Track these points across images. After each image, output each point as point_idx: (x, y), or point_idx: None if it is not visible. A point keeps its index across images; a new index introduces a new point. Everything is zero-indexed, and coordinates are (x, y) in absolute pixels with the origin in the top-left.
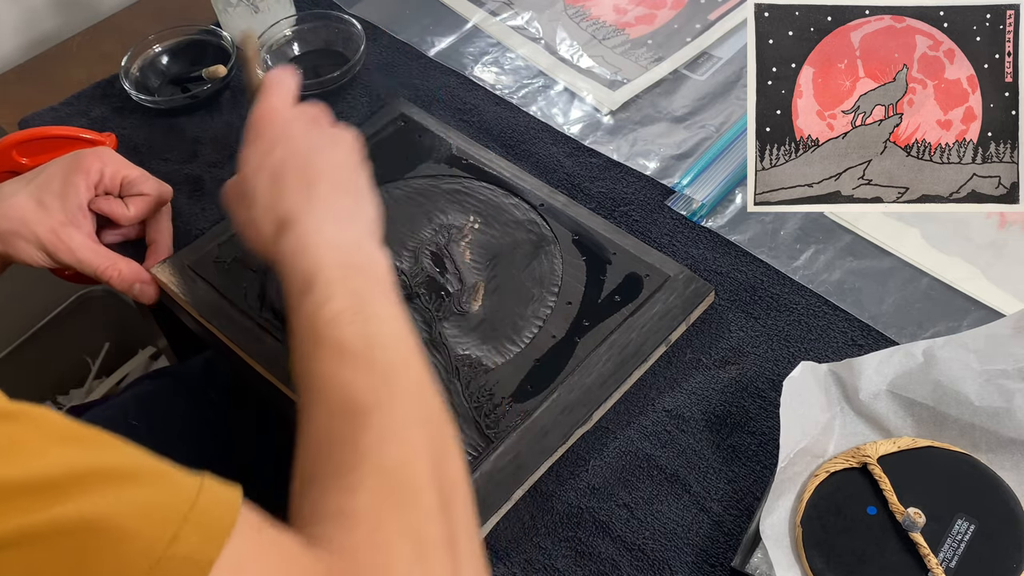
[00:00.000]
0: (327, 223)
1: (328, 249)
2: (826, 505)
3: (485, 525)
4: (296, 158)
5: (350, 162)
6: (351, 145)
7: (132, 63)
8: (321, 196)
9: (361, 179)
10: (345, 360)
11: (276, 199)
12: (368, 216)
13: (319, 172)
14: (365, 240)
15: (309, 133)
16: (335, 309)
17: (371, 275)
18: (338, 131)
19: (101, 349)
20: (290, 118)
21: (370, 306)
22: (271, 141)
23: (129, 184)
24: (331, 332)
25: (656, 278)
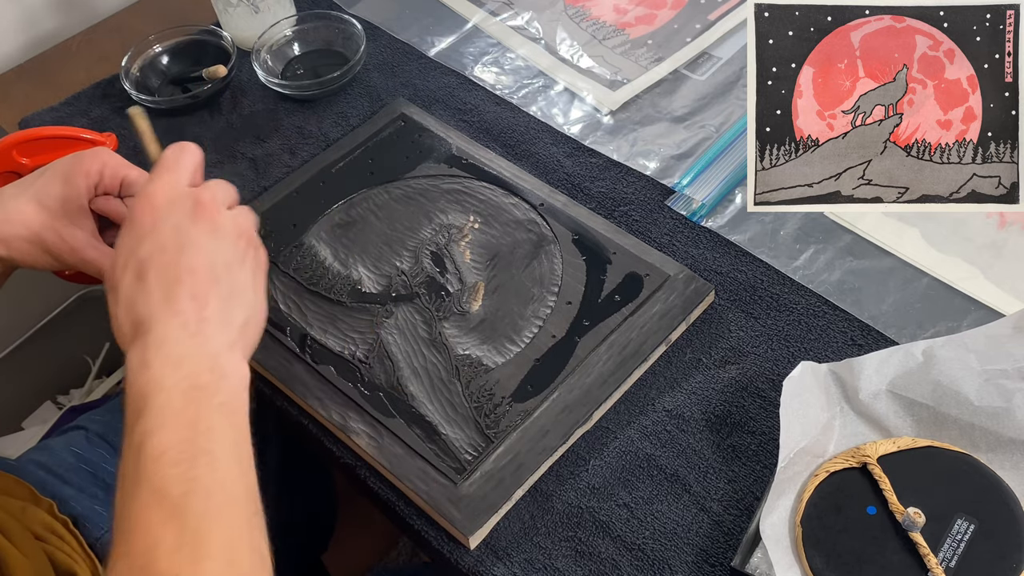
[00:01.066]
0: (179, 334)
1: (172, 367)
2: (826, 505)
3: (485, 525)
4: (163, 255)
5: (230, 256)
6: (237, 237)
7: (132, 63)
8: (182, 299)
9: (242, 275)
10: (160, 509)
11: (135, 299)
12: (237, 321)
13: (186, 270)
14: (222, 355)
15: (183, 225)
16: (163, 444)
17: (215, 400)
18: (227, 217)
19: (101, 349)
20: (170, 204)
21: (204, 441)
22: (142, 231)
23: (129, 184)
24: (152, 472)
25: (656, 278)
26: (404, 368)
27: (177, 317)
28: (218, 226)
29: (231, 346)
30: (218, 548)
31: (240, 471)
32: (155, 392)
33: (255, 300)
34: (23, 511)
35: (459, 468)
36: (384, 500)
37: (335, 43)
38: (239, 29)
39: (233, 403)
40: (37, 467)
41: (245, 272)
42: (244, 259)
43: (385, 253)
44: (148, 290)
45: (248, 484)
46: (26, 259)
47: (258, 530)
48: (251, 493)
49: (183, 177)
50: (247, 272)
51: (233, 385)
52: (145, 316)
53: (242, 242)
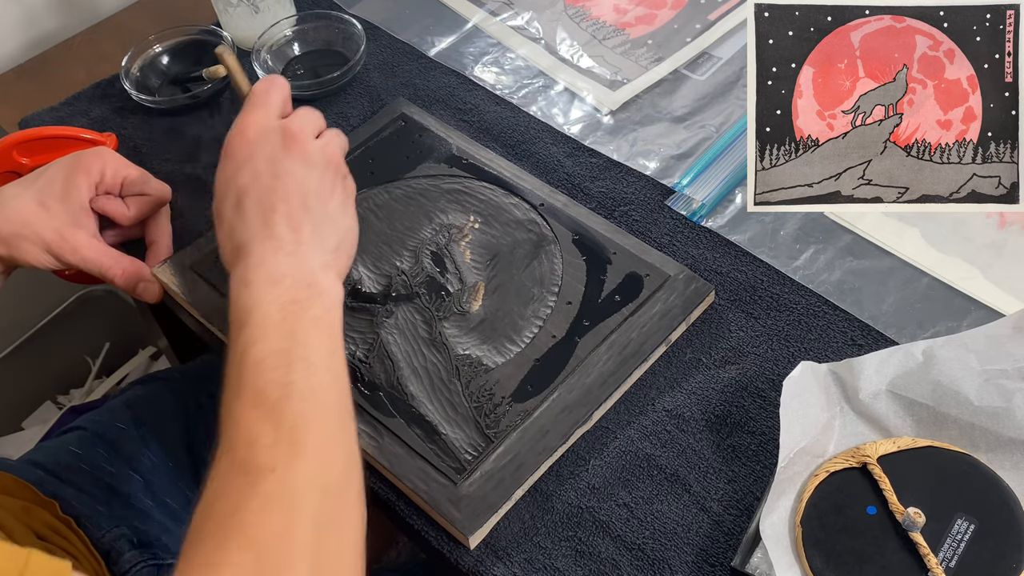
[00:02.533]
0: (277, 254)
1: (270, 284)
2: (826, 505)
3: (485, 525)
4: (259, 182)
5: (319, 185)
6: (325, 165)
7: (132, 63)
8: (277, 224)
9: (332, 203)
10: (259, 409)
11: (235, 225)
12: (330, 245)
13: (280, 198)
14: (317, 273)
15: (276, 155)
16: (262, 352)
17: (312, 315)
18: (316, 147)
19: (101, 349)
20: (262, 136)
21: (301, 349)
22: (238, 163)
23: (130, 184)
24: (253, 377)
25: (656, 278)
26: (404, 368)
27: (274, 240)
28: (308, 155)
29: (325, 266)
30: (312, 447)
31: (332, 378)
32: (255, 307)
33: (345, 225)
34: (25, 511)
35: (459, 468)
36: (384, 500)
37: (335, 43)
38: (239, 29)
39: (327, 316)
40: (36, 467)
41: (335, 199)
42: (334, 187)
43: (385, 253)
44: (246, 217)
45: (341, 390)
46: (27, 258)
47: (351, 434)
48: (343, 399)
49: (273, 110)
50: (336, 199)
51: (327, 300)
52: (245, 240)
53: (331, 171)
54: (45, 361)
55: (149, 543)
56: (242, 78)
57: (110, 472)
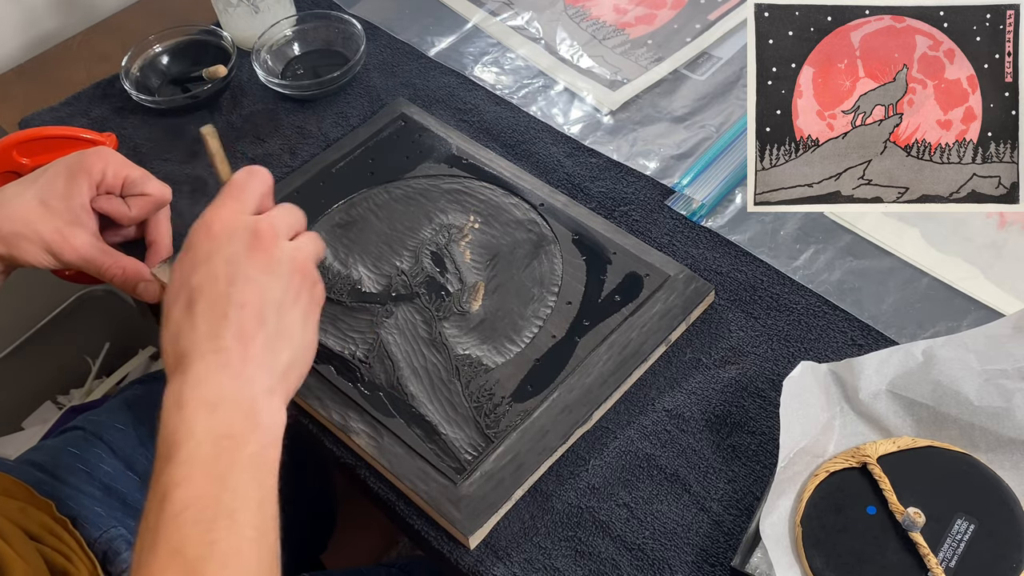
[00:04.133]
0: (220, 373)
1: (206, 410)
2: (826, 505)
3: (485, 525)
4: (214, 285)
5: (282, 296)
6: (291, 272)
7: (132, 63)
8: (226, 336)
9: (291, 315)
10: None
11: (182, 329)
12: (280, 363)
13: (235, 305)
14: (259, 400)
15: (238, 257)
16: (186, 499)
17: (247, 453)
18: (285, 252)
19: (101, 349)
20: (227, 233)
21: (228, 500)
22: (196, 260)
23: (131, 184)
24: (173, 528)
25: (656, 278)
26: (404, 368)
27: (219, 355)
28: (274, 260)
29: (270, 391)
30: None
31: (258, 535)
32: (185, 439)
33: (303, 341)
34: (21, 512)
35: (459, 468)
36: (384, 500)
37: (335, 43)
38: (239, 29)
39: (264, 454)
40: (34, 467)
41: (296, 311)
42: (297, 297)
43: (385, 253)
44: (194, 322)
45: (265, 549)
46: (27, 258)
47: None
48: (268, 559)
49: (248, 204)
50: (298, 311)
51: (266, 435)
52: (188, 349)
53: (297, 278)
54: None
55: None
56: (223, 164)
57: (108, 472)
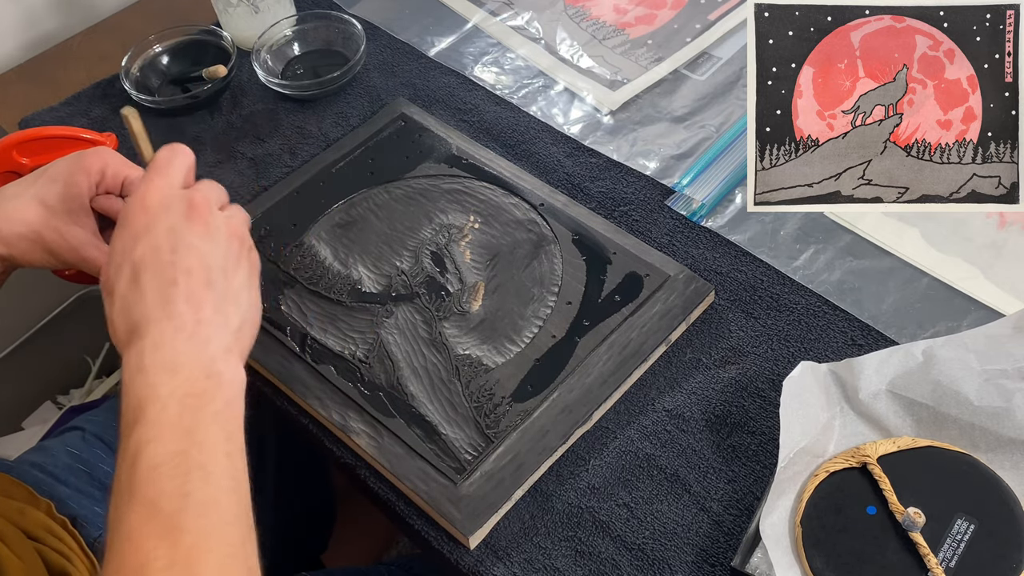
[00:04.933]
0: (175, 337)
1: (167, 373)
2: (826, 505)
3: (485, 525)
4: (158, 255)
5: (224, 260)
6: (230, 237)
7: (132, 63)
8: (177, 302)
9: (236, 278)
10: (153, 522)
11: (130, 302)
12: (233, 324)
13: (181, 272)
14: (218, 360)
15: (179, 225)
16: (157, 456)
17: (211, 410)
18: (220, 219)
19: (101, 349)
20: (163, 206)
21: (198, 454)
22: (135, 233)
23: (131, 184)
24: (147, 485)
25: (656, 278)
26: (404, 368)
27: (172, 320)
28: (212, 228)
29: (227, 350)
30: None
31: (232, 484)
32: (151, 400)
33: (250, 302)
34: (20, 512)
35: (459, 468)
36: (384, 500)
37: (335, 43)
38: (239, 29)
39: (228, 410)
40: (33, 467)
41: (240, 274)
42: (239, 261)
43: (385, 253)
44: (143, 292)
45: (240, 499)
46: (27, 258)
47: (251, 549)
48: (243, 509)
49: (176, 179)
50: (242, 274)
51: (229, 391)
52: (140, 319)
53: (235, 243)
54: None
55: None
56: (145, 144)
57: (107, 472)
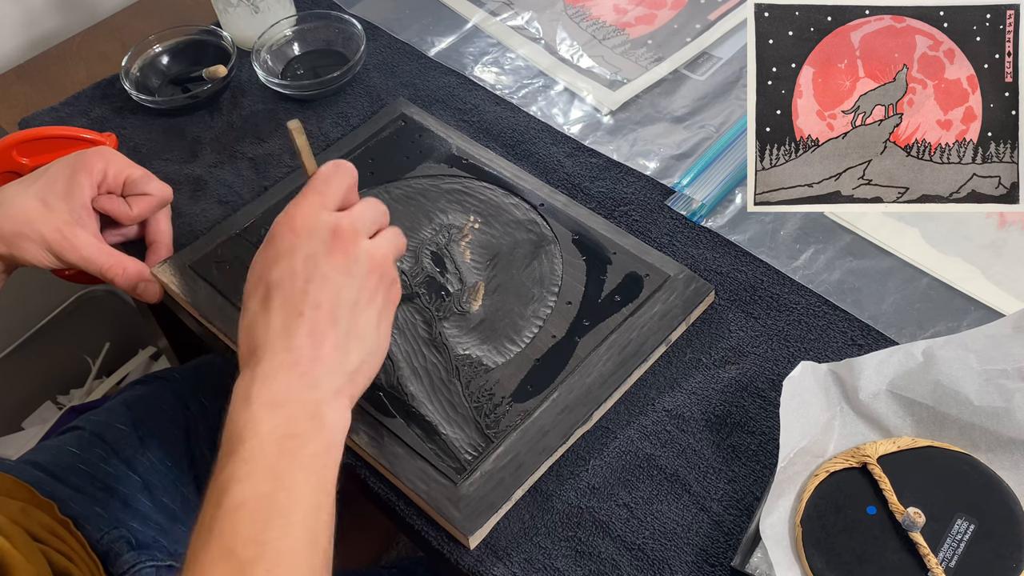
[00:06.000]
0: (289, 372)
1: (271, 409)
2: (826, 505)
3: (485, 525)
4: (293, 281)
5: (357, 295)
6: (368, 272)
7: (132, 63)
8: (299, 335)
9: (365, 316)
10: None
11: (256, 323)
12: (350, 364)
13: (310, 304)
14: (325, 403)
15: (318, 253)
16: (243, 495)
17: (308, 453)
18: (363, 251)
19: (101, 349)
20: (309, 230)
21: (285, 499)
22: (277, 254)
23: (132, 184)
24: (228, 525)
25: (656, 278)
26: (404, 368)
27: (290, 353)
28: (351, 260)
29: (337, 392)
30: None
31: (310, 537)
32: (250, 435)
33: (375, 342)
34: (23, 513)
35: (459, 468)
36: (384, 500)
37: (335, 43)
38: (239, 29)
39: (325, 456)
40: (35, 468)
41: (370, 311)
42: (373, 297)
43: None
44: (269, 317)
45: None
46: (27, 257)
47: None
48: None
49: (330, 200)
50: (372, 312)
51: (330, 436)
52: (261, 343)
53: (374, 278)
54: (45, 361)
55: (147, 544)
56: (309, 158)
57: (108, 472)
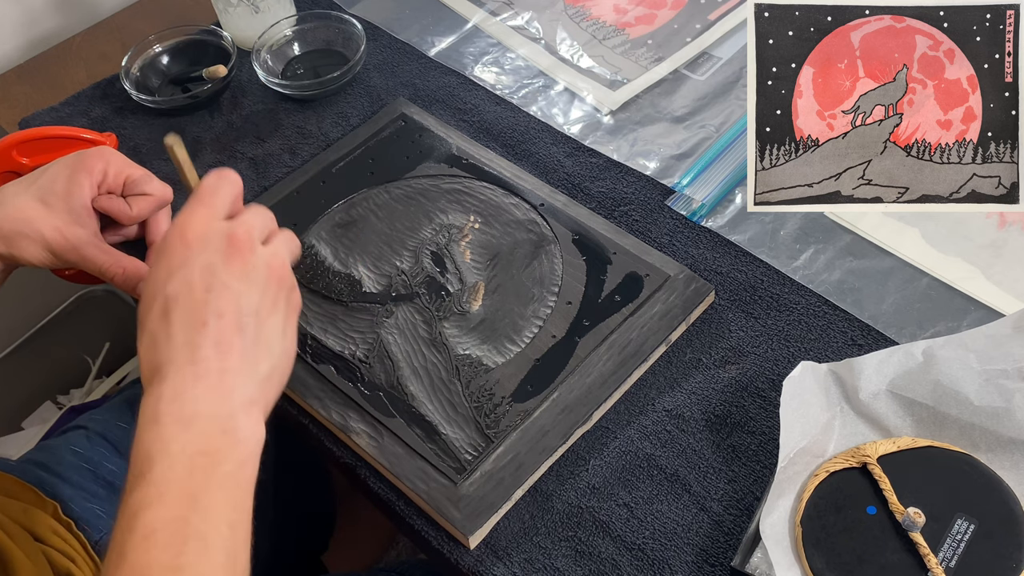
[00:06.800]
0: (196, 385)
1: (181, 425)
2: (826, 505)
3: (485, 525)
4: (191, 293)
5: (260, 302)
6: (268, 278)
7: (132, 63)
8: (204, 346)
9: (270, 322)
10: None
11: (158, 339)
12: (261, 372)
13: (212, 314)
14: (238, 415)
15: (216, 262)
16: (155, 522)
17: (222, 471)
18: (261, 258)
19: (101, 349)
20: (202, 240)
21: (200, 522)
22: (171, 267)
23: (132, 184)
24: (141, 552)
25: (656, 278)
26: (404, 368)
27: (196, 365)
28: (250, 267)
29: (251, 401)
30: None
31: (228, 559)
32: (160, 456)
33: (283, 348)
34: (25, 513)
35: (459, 468)
36: (384, 500)
37: (335, 43)
38: (239, 29)
39: (239, 473)
40: (37, 467)
41: (275, 318)
42: (275, 304)
43: (385, 253)
44: (170, 331)
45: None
46: (27, 257)
47: None
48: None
49: (219, 209)
50: (277, 318)
51: (244, 450)
52: (164, 360)
53: (273, 285)
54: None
55: None
56: (190, 172)
57: (112, 471)
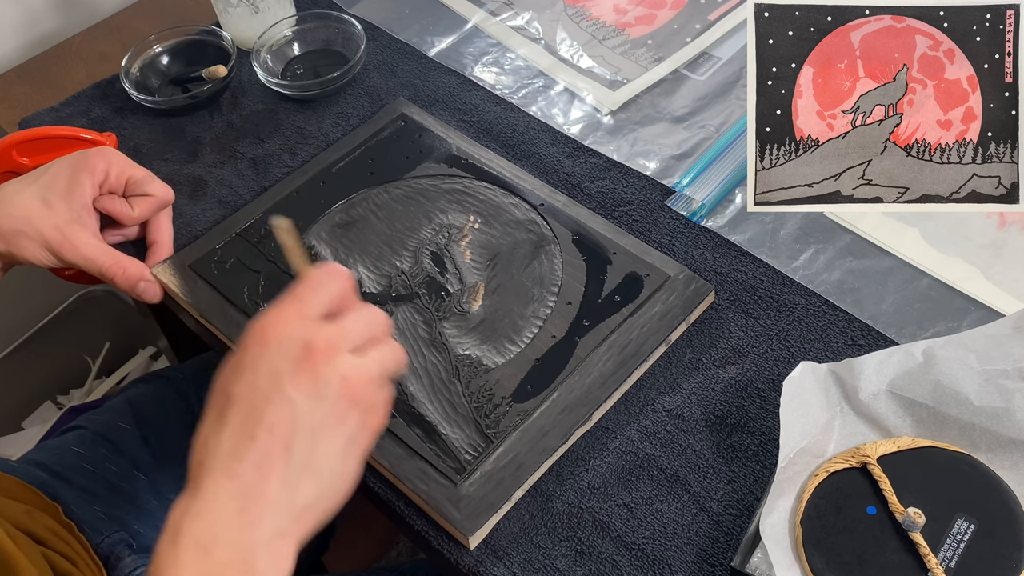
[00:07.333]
0: (227, 505)
1: (198, 551)
2: (826, 505)
3: (485, 525)
4: (252, 396)
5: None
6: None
7: (132, 63)
8: (244, 462)
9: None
10: None
11: (209, 437)
12: (299, 501)
13: (264, 428)
14: (260, 549)
15: (284, 370)
16: None
17: None
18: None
19: (101, 349)
20: (280, 341)
21: None
22: (243, 364)
23: (134, 184)
24: None
25: (656, 278)
26: None
27: (232, 481)
28: (320, 381)
29: (279, 535)
30: None
31: None
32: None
33: (335, 474)
34: (27, 515)
35: (459, 468)
36: (384, 500)
37: (335, 43)
38: (239, 29)
39: None
40: (39, 468)
41: (334, 441)
42: (341, 424)
43: (385, 253)
44: (221, 435)
45: None
46: (27, 256)
47: None
48: None
49: (313, 308)
50: (337, 441)
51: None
52: (207, 464)
53: (343, 403)
54: (45, 361)
55: (147, 547)
56: (297, 257)
57: (113, 471)
